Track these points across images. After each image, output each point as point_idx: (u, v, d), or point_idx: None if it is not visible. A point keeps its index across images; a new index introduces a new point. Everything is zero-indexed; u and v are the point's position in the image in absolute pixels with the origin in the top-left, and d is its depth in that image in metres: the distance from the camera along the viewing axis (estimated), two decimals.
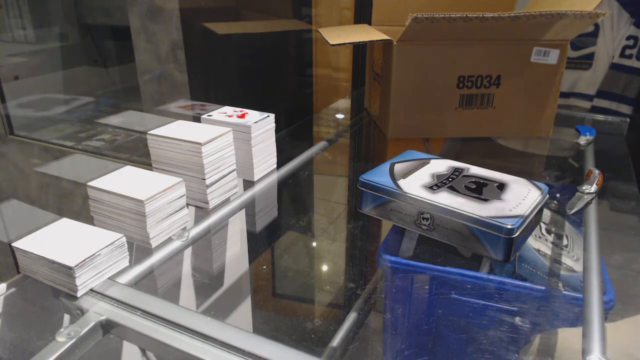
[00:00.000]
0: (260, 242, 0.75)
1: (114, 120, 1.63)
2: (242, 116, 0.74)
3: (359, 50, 1.41)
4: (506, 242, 0.53)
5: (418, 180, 0.62)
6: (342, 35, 0.89)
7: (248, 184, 0.76)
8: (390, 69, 0.86)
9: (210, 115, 0.75)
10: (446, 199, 0.58)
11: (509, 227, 0.53)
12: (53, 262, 0.49)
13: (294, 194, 0.82)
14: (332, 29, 0.97)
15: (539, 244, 0.63)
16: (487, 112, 0.91)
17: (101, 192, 0.59)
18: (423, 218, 0.59)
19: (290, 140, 1.04)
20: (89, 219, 0.60)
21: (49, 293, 0.52)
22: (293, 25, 1.55)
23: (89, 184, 0.60)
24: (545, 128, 0.92)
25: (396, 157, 0.70)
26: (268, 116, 0.76)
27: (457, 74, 0.87)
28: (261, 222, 0.76)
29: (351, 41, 0.82)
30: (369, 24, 1.04)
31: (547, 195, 0.61)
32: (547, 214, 0.70)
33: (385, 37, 0.83)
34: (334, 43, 0.82)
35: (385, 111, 0.92)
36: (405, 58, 0.85)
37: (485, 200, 0.58)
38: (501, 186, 0.61)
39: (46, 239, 0.53)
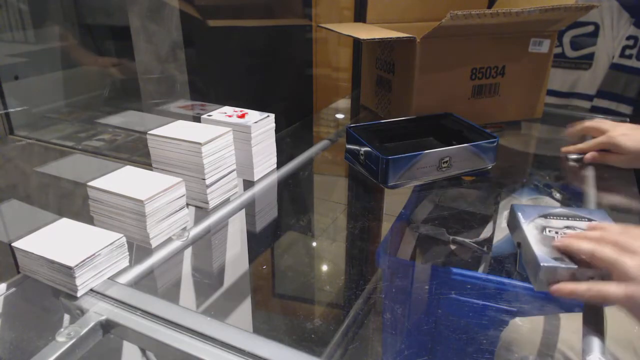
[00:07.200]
0: (260, 242, 0.75)
1: (114, 120, 1.62)
2: (242, 116, 0.74)
3: (359, 49, 1.41)
4: None
5: None
6: (356, 31, 0.91)
7: (248, 184, 0.76)
8: (413, 64, 0.90)
9: (210, 115, 0.75)
10: None
11: None
12: (53, 262, 0.49)
13: (294, 194, 0.82)
14: (337, 25, 0.98)
15: None
16: (493, 100, 0.98)
17: (101, 192, 0.59)
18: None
19: (290, 140, 1.04)
20: (89, 219, 0.60)
21: (49, 293, 0.52)
22: (293, 25, 1.55)
23: (89, 184, 0.60)
24: (538, 110, 1.02)
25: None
26: (268, 116, 0.76)
27: (470, 66, 0.93)
28: (261, 222, 0.76)
29: (379, 37, 0.85)
30: (364, 22, 1.07)
31: None
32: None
33: (406, 34, 0.87)
34: (365, 38, 0.85)
35: (405, 106, 0.95)
36: (428, 54, 0.89)
37: None
38: None
39: (46, 239, 0.53)
